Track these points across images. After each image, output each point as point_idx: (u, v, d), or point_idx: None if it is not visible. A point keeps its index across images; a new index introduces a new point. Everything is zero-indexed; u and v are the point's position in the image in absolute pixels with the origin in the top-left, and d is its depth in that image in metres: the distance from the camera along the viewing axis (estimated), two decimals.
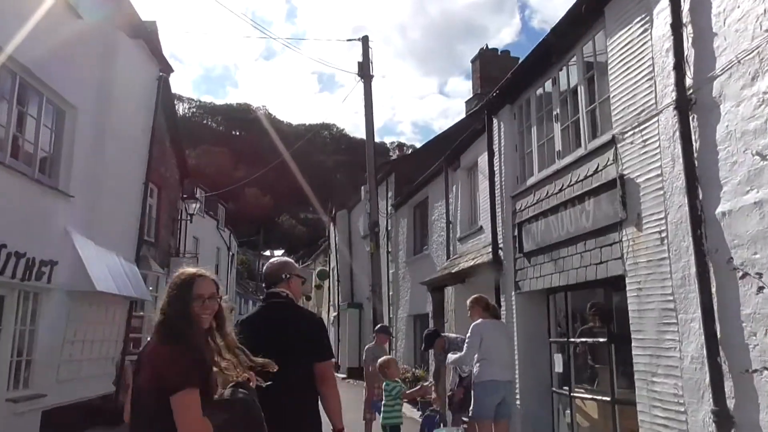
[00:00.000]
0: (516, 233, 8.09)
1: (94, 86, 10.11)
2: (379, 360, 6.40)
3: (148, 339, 2.68)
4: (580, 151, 6.54)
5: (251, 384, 2.64)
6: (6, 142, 7.84)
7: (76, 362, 9.57)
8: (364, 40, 16.87)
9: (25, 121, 8.46)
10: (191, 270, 2.76)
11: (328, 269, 27.08)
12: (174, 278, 2.69)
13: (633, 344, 5.28)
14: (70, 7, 9.16)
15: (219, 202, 36.32)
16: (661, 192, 4.93)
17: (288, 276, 3.27)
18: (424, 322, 14.32)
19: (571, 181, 6.59)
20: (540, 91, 7.72)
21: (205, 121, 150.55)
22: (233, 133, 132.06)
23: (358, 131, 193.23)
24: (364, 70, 16.42)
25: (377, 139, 15.09)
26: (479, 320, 6.02)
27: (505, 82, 8.36)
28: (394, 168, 17.54)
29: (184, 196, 22.36)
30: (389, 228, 17.43)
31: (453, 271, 10.12)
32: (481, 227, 10.52)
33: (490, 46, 20.35)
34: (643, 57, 5.27)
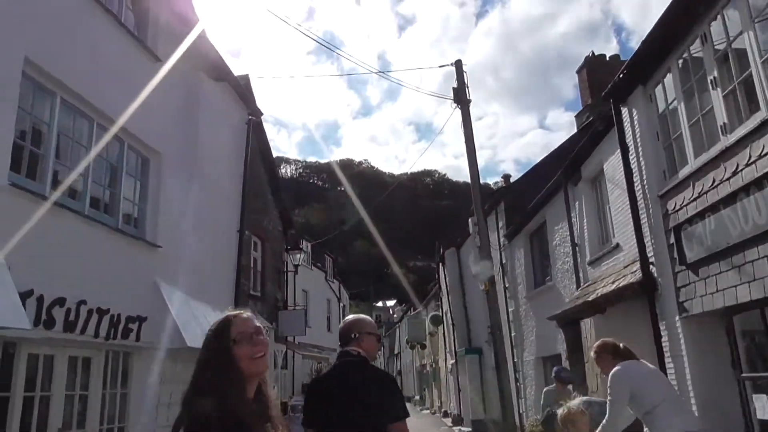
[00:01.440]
0: (672, 240, 6.35)
1: (179, 131, 9.69)
2: (561, 412, 4.81)
3: None
4: (760, 115, 4.86)
5: None
6: (84, 192, 7.37)
7: None
8: (458, 65, 15.86)
9: (106, 169, 8.03)
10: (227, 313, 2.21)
11: (441, 314, 25.54)
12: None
13: None
14: (147, 50, 8.82)
15: (326, 254, 36.13)
16: None
17: (357, 335, 3.18)
18: (557, 365, 12.41)
19: (750, 157, 4.90)
20: (685, 55, 6.11)
21: (311, 180, 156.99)
22: (339, 189, 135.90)
23: (460, 175, 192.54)
24: (460, 96, 15.30)
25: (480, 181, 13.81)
26: (618, 366, 4.44)
27: (633, 59, 6.81)
28: (503, 196, 16.01)
29: (288, 247, 21.99)
30: (503, 261, 15.78)
31: (589, 299, 8.39)
32: (617, 245, 8.77)
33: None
34: None
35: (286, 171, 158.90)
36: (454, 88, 15.44)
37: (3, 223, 5.73)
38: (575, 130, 17.03)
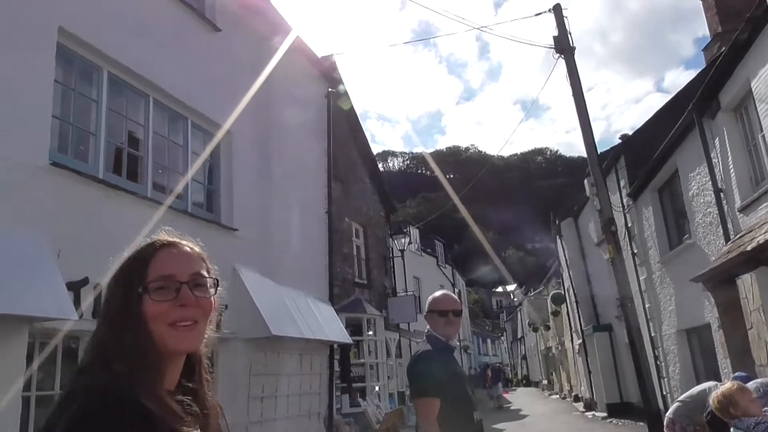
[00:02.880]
0: None
1: (250, 107, 9.00)
2: (722, 389, 3.44)
3: None
4: None
5: None
6: (145, 173, 6.81)
7: (269, 422, 8.11)
8: (557, 10, 14.14)
9: (168, 148, 7.45)
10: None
11: (562, 291, 23.59)
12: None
13: None
14: (204, 20, 8.17)
15: (435, 239, 35.02)
16: None
17: (426, 316, 3.17)
18: (705, 338, 10.47)
19: None
20: None
21: (419, 171, 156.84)
22: (447, 176, 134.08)
23: (573, 150, 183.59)
24: (562, 44, 13.60)
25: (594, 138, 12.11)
26: None
27: None
28: (623, 150, 13.99)
29: (392, 233, 21.13)
30: (629, 225, 13.83)
31: (747, 248, 6.62)
32: None
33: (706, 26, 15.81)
34: None
35: (393, 164, 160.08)
36: (554, 37, 13.75)
37: (46, 205, 5.20)
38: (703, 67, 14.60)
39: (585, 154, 13.02)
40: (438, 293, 3.22)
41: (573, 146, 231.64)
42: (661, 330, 12.70)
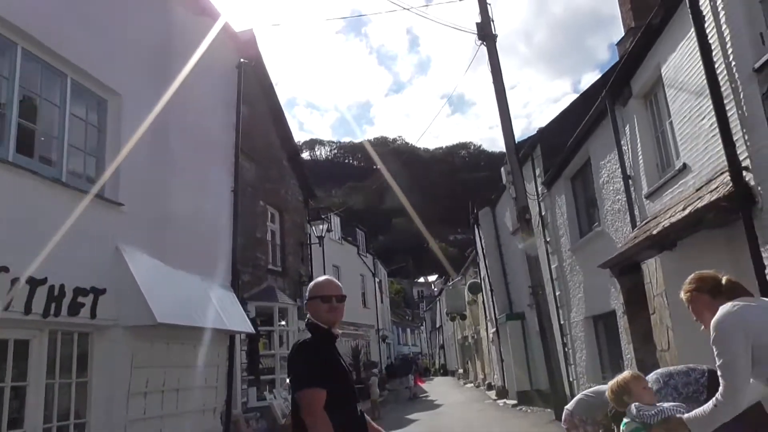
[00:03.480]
0: None
1: (151, 72, 8.16)
2: (617, 378, 3.14)
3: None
4: None
5: None
6: (6, 133, 5.91)
7: (154, 420, 7.37)
8: None
9: (41, 107, 6.53)
10: None
11: (479, 280, 23.80)
12: None
13: None
14: None
15: (357, 227, 34.63)
16: None
17: (307, 301, 3.09)
18: (611, 324, 10.60)
19: None
20: None
21: (346, 161, 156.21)
22: (374, 167, 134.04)
23: (496, 146, 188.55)
24: (485, 30, 13.47)
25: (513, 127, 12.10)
26: (724, 309, 2.64)
27: None
28: (539, 140, 14.04)
29: (309, 219, 20.49)
30: (543, 213, 13.92)
31: (653, 233, 6.55)
32: (684, 166, 6.89)
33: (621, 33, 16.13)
34: None
35: (320, 153, 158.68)
36: (477, 24, 13.60)
37: None
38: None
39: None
40: (321, 278, 3.15)
41: (496, 142, 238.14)
42: (570, 317, 12.86)
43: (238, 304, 9.97)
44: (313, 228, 20.33)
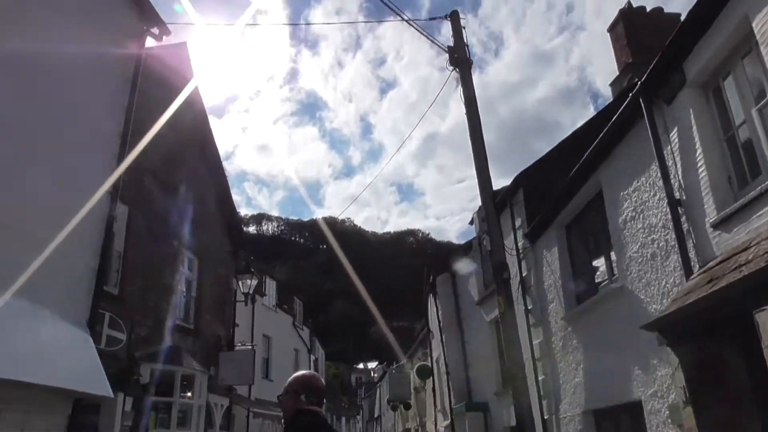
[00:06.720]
0: None
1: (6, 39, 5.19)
2: None
3: None
4: None
5: None
6: None
7: None
8: (454, 18, 11.98)
9: None
10: None
11: (430, 363, 20.50)
12: None
13: None
14: None
15: (295, 296, 31.03)
16: None
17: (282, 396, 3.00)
18: (629, 422, 7.59)
19: None
20: None
21: (293, 238, 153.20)
22: (321, 246, 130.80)
23: (442, 236, 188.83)
24: (459, 54, 11.21)
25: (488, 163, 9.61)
26: None
27: None
28: (521, 182, 11.45)
29: (237, 275, 17.08)
30: (524, 273, 11.12)
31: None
32: None
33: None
34: None
35: (267, 228, 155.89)
36: (449, 47, 11.36)
37: None
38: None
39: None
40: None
41: (443, 232, 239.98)
42: (558, 411, 9.76)
43: (94, 353, 6.54)
44: (240, 284, 16.86)
